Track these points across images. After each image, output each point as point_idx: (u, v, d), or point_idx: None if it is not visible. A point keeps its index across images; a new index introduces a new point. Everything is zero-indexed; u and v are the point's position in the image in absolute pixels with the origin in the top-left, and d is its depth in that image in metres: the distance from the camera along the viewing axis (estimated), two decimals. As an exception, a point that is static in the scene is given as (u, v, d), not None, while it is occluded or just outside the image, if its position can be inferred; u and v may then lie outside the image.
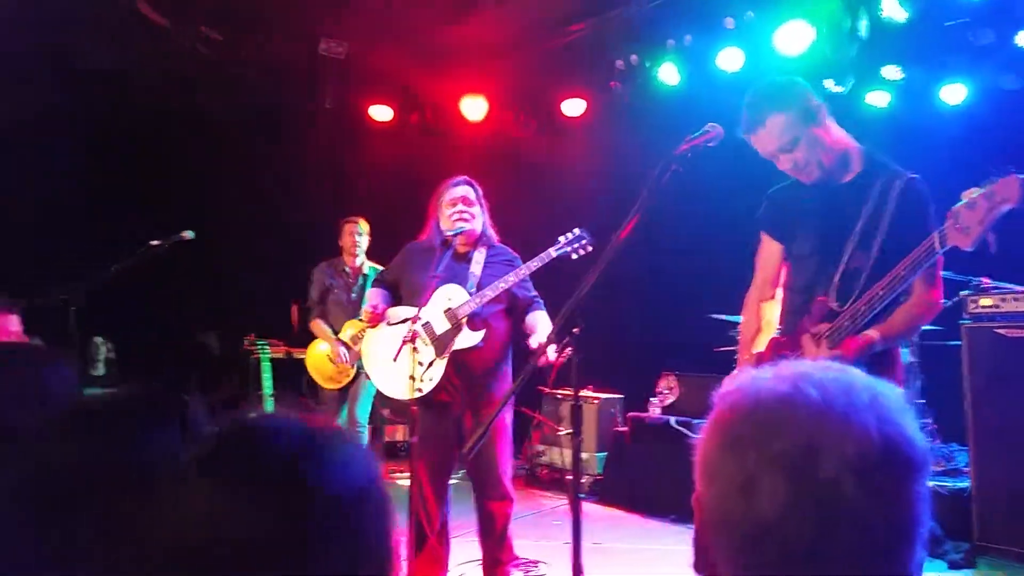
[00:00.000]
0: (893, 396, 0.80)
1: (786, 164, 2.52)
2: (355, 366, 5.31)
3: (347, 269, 5.63)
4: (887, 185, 2.42)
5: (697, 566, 0.86)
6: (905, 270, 2.21)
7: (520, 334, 3.89)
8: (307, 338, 6.30)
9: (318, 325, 5.56)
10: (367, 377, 4.00)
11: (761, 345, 2.72)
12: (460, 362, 3.64)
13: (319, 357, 5.50)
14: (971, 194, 2.08)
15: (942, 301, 2.52)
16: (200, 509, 0.77)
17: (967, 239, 2.07)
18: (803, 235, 2.63)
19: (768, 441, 0.76)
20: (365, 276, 5.59)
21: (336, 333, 5.46)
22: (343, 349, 5.37)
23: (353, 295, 5.55)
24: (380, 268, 5.51)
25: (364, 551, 0.80)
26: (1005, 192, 2.02)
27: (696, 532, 0.85)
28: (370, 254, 5.75)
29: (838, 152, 2.52)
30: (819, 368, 0.82)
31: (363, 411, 5.44)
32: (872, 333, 2.33)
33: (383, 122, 7.98)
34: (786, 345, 2.57)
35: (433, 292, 3.63)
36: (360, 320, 5.23)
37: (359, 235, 5.62)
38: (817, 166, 2.49)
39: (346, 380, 5.38)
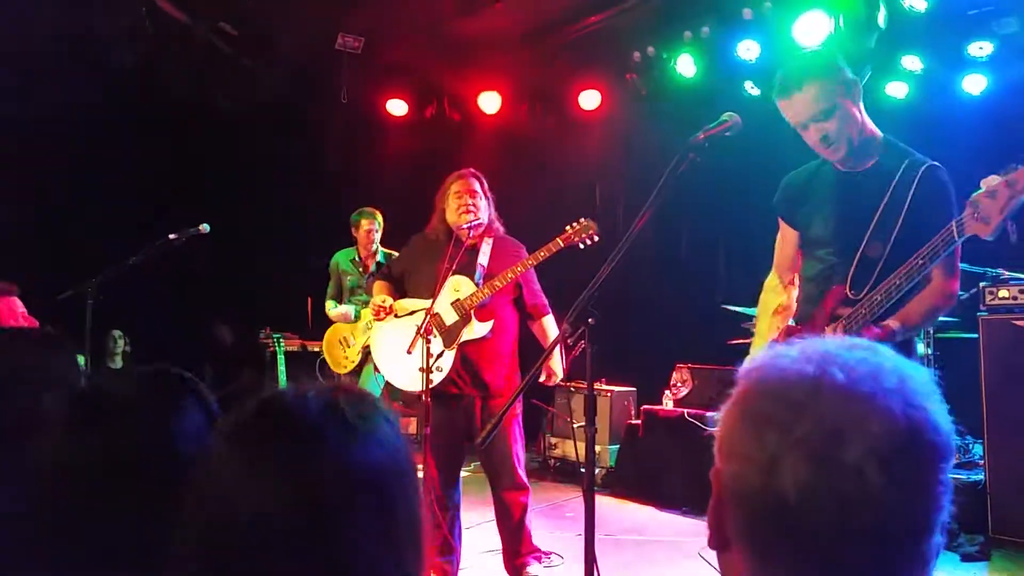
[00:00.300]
0: (922, 379, 0.78)
1: (815, 136, 2.45)
2: (360, 353, 5.39)
3: (358, 258, 5.71)
4: (907, 173, 2.38)
5: (712, 541, 0.85)
6: (923, 259, 2.18)
7: (527, 326, 3.92)
8: (322, 332, 6.33)
9: (328, 308, 5.65)
10: (376, 370, 4.01)
11: (775, 332, 2.69)
12: (468, 353, 3.66)
13: (331, 340, 5.58)
14: (991, 182, 2.03)
15: (959, 292, 2.48)
16: (228, 480, 0.78)
17: (987, 228, 2.03)
18: (819, 222, 2.57)
19: (792, 423, 0.75)
20: (378, 264, 5.65)
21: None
22: (352, 330, 5.45)
23: (365, 283, 5.61)
24: (392, 253, 5.56)
25: (395, 522, 0.81)
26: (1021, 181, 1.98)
27: (712, 507, 0.84)
28: (386, 247, 5.78)
29: (866, 134, 2.47)
30: (846, 347, 0.80)
31: None
32: (892, 323, 2.29)
33: (399, 116, 7.99)
34: (800, 334, 2.53)
35: (436, 283, 3.65)
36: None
37: (376, 231, 5.70)
38: (847, 142, 2.43)
39: (351, 365, 5.43)
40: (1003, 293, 4.19)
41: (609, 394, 6.24)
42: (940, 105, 5.93)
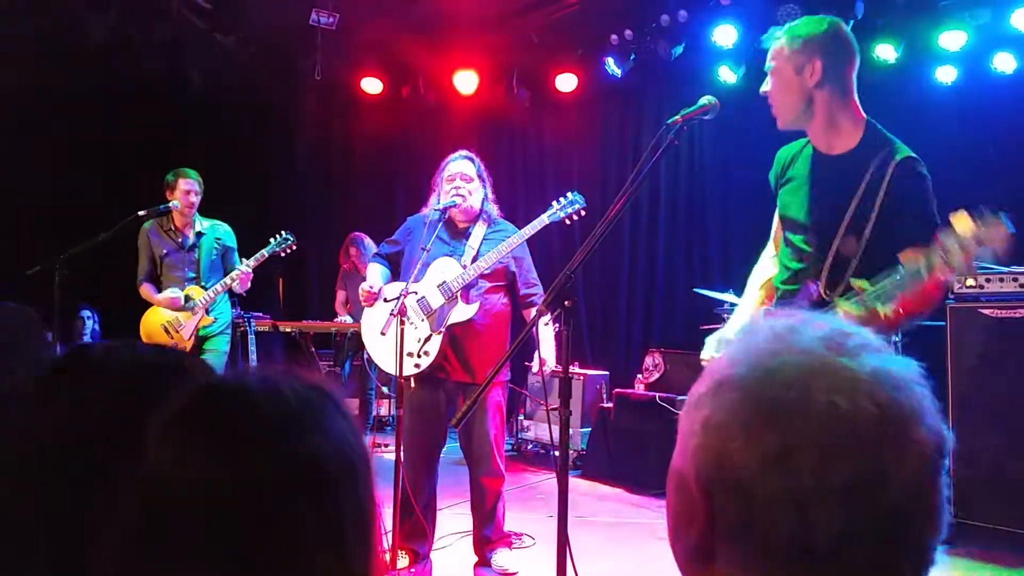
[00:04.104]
0: (925, 388, 0.74)
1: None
2: (192, 337, 4.85)
3: (174, 228, 5.05)
4: (882, 164, 2.30)
5: (688, 554, 0.76)
6: (892, 287, 2.11)
7: (519, 316, 3.89)
8: (295, 311, 6.26)
9: (146, 291, 5.00)
10: (368, 356, 3.91)
11: (757, 306, 2.66)
12: (456, 338, 3.63)
13: (152, 327, 4.95)
14: (960, 222, 2.01)
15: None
16: (162, 468, 0.74)
17: (951, 274, 2.01)
18: (795, 204, 2.50)
19: (826, 469, 0.68)
20: (199, 233, 5.04)
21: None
22: (178, 314, 4.90)
23: (187, 255, 5.01)
24: (220, 225, 5.09)
25: (342, 520, 0.77)
26: (992, 236, 1.96)
27: (698, 528, 0.74)
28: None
29: (842, 116, 2.40)
30: (871, 372, 0.71)
31: None
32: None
33: (374, 94, 7.90)
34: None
35: (421, 265, 3.62)
36: (201, 287, 4.83)
37: (197, 194, 5.01)
38: (781, 110, 2.43)
39: None
40: (970, 282, 4.25)
41: (581, 378, 6.27)
42: (912, 95, 5.96)
